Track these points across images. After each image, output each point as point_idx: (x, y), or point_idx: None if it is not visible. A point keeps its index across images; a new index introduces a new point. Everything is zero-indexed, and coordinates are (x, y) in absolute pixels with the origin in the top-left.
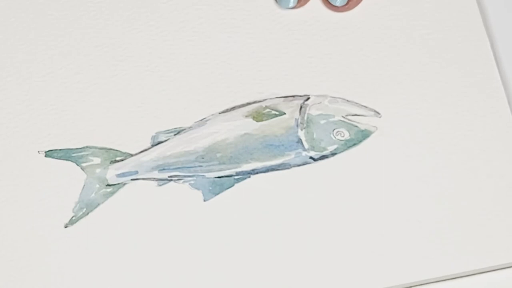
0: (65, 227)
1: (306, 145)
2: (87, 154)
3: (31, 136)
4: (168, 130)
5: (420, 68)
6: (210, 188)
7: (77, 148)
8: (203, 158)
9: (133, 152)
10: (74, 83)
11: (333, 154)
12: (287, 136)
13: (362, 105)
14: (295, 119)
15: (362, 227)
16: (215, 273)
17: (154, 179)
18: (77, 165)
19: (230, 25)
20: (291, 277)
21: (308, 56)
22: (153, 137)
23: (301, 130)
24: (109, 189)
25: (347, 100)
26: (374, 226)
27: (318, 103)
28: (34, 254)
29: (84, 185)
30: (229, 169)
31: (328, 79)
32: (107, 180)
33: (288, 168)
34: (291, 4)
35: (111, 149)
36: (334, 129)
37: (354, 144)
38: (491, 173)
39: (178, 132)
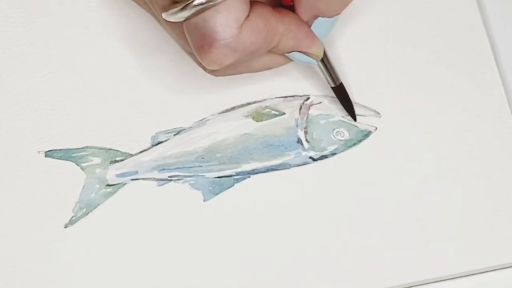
0: (65, 227)
1: (306, 145)
2: (87, 154)
3: (31, 136)
4: (168, 130)
5: (420, 68)
6: (210, 188)
7: (77, 148)
8: (203, 158)
9: (133, 152)
10: (74, 83)
11: (333, 154)
12: (287, 136)
13: (362, 105)
14: (295, 119)
15: (362, 227)
16: (215, 273)
17: (154, 179)
18: (77, 165)
19: None
20: (291, 277)
21: None
22: (153, 137)
23: (301, 130)
24: (109, 189)
25: None
26: (374, 226)
27: (318, 103)
28: (34, 254)
29: (84, 185)
30: (229, 169)
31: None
32: (107, 180)
33: (288, 168)
34: None
35: (111, 149)
36: (334, 129)
37: (354, 144)
38: (491, 173)
39: (178, 132)
